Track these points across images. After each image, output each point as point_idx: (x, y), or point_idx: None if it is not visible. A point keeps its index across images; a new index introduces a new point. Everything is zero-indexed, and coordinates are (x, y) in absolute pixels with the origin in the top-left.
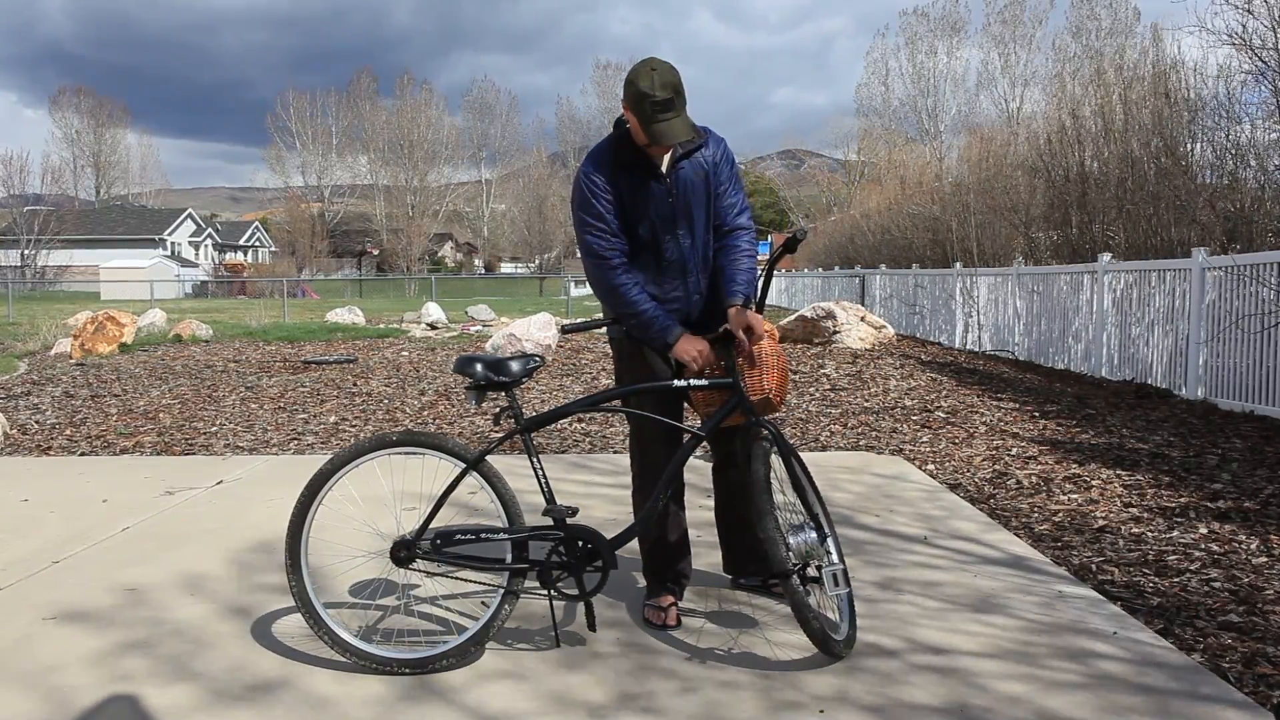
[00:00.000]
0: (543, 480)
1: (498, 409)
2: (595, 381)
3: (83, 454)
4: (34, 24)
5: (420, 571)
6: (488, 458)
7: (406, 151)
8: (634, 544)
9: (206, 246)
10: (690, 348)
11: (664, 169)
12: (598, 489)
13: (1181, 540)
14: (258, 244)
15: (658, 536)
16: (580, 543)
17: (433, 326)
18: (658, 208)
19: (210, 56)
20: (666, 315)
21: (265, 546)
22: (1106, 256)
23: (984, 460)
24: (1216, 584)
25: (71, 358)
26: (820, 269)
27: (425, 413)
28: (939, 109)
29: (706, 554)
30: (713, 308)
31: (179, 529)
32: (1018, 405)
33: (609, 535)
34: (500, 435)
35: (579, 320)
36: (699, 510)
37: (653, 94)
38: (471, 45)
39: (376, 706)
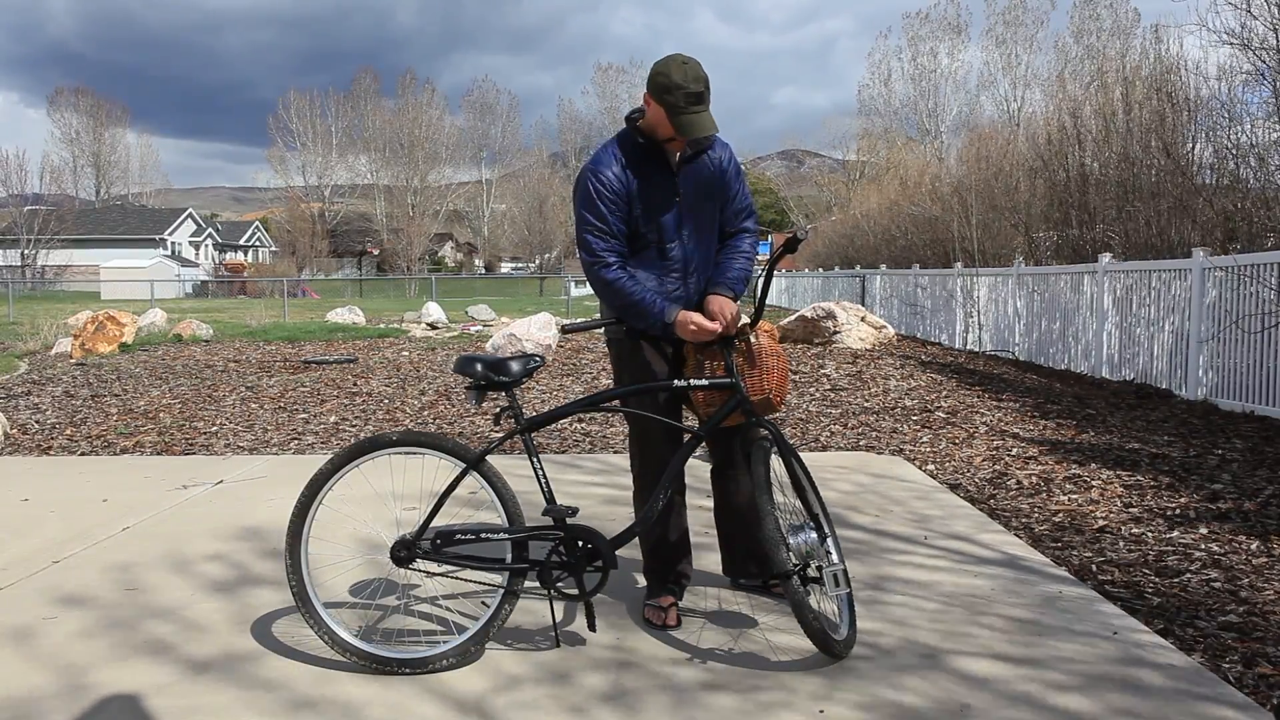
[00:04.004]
0: (543, 480)
1: (498, 409)
2: (595, 381)
3: (83, 454)
4: (38, 24)
5: (420, 571)
6: (488, 458)
7: (407, 151)
8: (634, 544)
9: (207, 246)
10: (690, 320)
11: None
12: (597, 489)
13: (1181, 540)
14: (258, 244)
15: (658, 536)
16: (580, 543)
17: (433, 326)
18: (665, 206)
19: (214, 56)
20: (662, 298)
21: (265, 546)
22: (1107, 257)
23: (984, 460)
24: (1216, 584)
25: (72, 357)
26: (820, 269)
27: (425, 413)
28: (940, 109)
29: (706, 554)
30: None
31: (179, 529)
32: (1018, 405)
33: (609, 535)
34: (500, 435)
35: (579, 320)
36: (699, 510)
37: (685, 85)
38: (474, 45)
39: (376, 705)
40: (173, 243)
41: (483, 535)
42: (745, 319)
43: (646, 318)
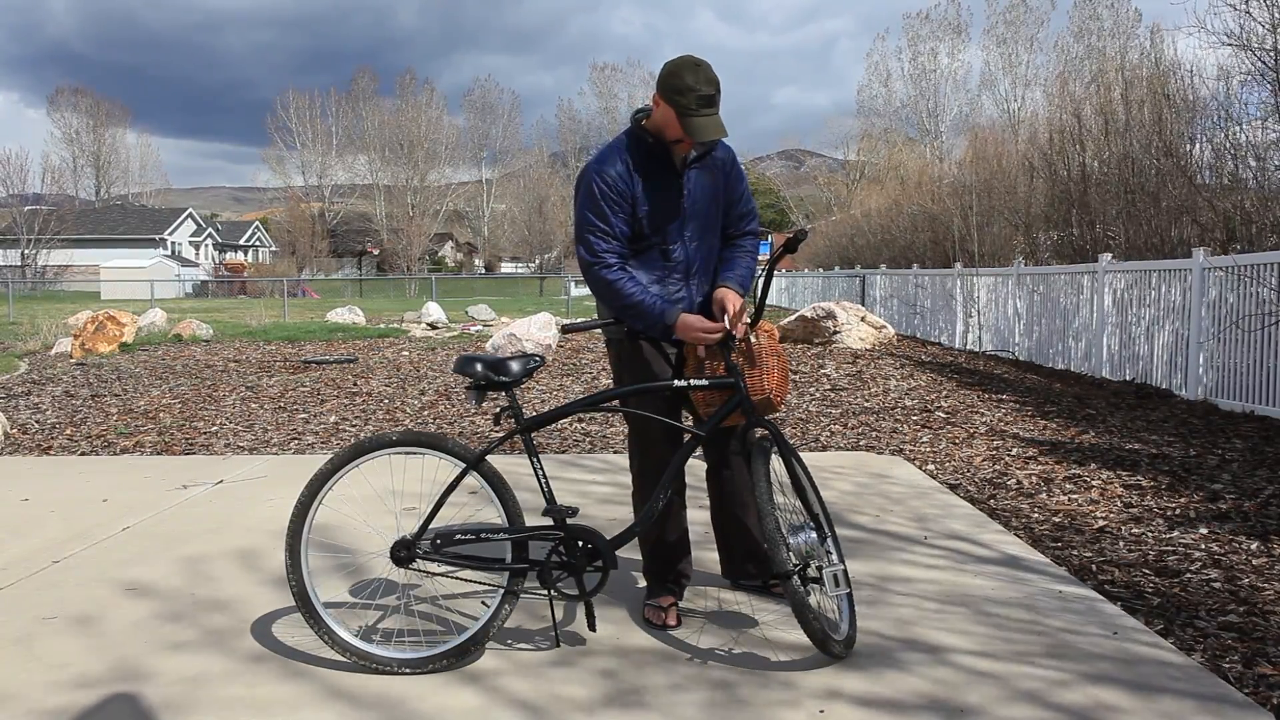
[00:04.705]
0: (543, 480)
1: (498, 409)
2: (595, 381)
3: (83, 454)
4: (38, 24)
5: (420, 571)
6: (488, 458)
7: (407, 151)
8: (634, 544)
9: (207, 246)
10: (692, 323)
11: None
12: (597, 489)
13: (1181, 540)
14: (258, 244)
15: (658, 536)
16: (580, 543)
17: (433, 326)
18: (669, 208)
19: (215, 56)
20: (663, 300)
21: (265, 546)
22: (1107, 256)
23: (984, 460)
24: (1216, 584)
25: (72, 357)
26: (820, 269)
27: (425, 413)
28: (940, 109)
29: (706, 554)
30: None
31: (179, 528)
32: (1018, 405)
33: (609, 535)
34: (500, 435)
35: (579, 320)
36: (699, 510)
37: (699, 88)
38: (475, 45)
39: (376, 706)
40: (173, 243)
41: (483, 535)
42: (745, 319)
43: (646, 319)
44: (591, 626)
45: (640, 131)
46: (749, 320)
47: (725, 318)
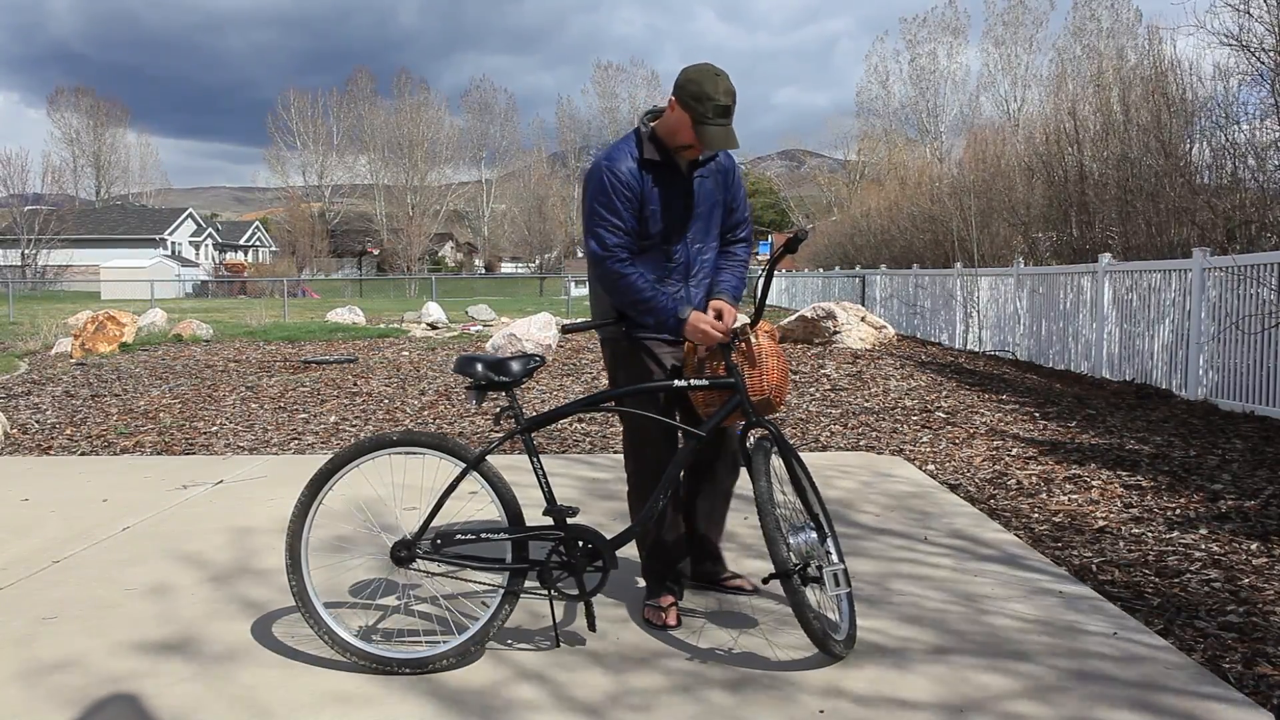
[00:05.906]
0: (543, 480)
1: (498, 409)
2: (595, 381)
3: (83, 454)
4: (39, 24)
5: (420, 571)
6: (488, 458)
7: (407, 151)
8: (633, 543)
9: (207, 246)
10: (702, 322)
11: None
12: (598, 488)
13: (1181, 540)
14: (258, 244)
15: (657, 537)
16: (581, 543)
17: (433, 326)
18: (676, 209)
19: (216, 57)
20: (673, 297)
21: (265, 546)
22: (1107, 257)
23: (984, 460)
24: (1216, 584)
25: (72, 357)
26: (820, 269)
27: (425, 413)
28: (939, 110)
29: None
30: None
31: (179, 528)
32: (1018, 405)
33: (609, 535)
34: (500, 435)
35: (579, 320)
36: None
37: (717, 98)
38: (476, 46)
39: (377, 706)
40: (173, 243)
41: (483, 535)
42: (745, 319)
43: (658, 314)
44: (592, 626)
45: (649, 132)
46: (748, 320)
47: (726, 323)
